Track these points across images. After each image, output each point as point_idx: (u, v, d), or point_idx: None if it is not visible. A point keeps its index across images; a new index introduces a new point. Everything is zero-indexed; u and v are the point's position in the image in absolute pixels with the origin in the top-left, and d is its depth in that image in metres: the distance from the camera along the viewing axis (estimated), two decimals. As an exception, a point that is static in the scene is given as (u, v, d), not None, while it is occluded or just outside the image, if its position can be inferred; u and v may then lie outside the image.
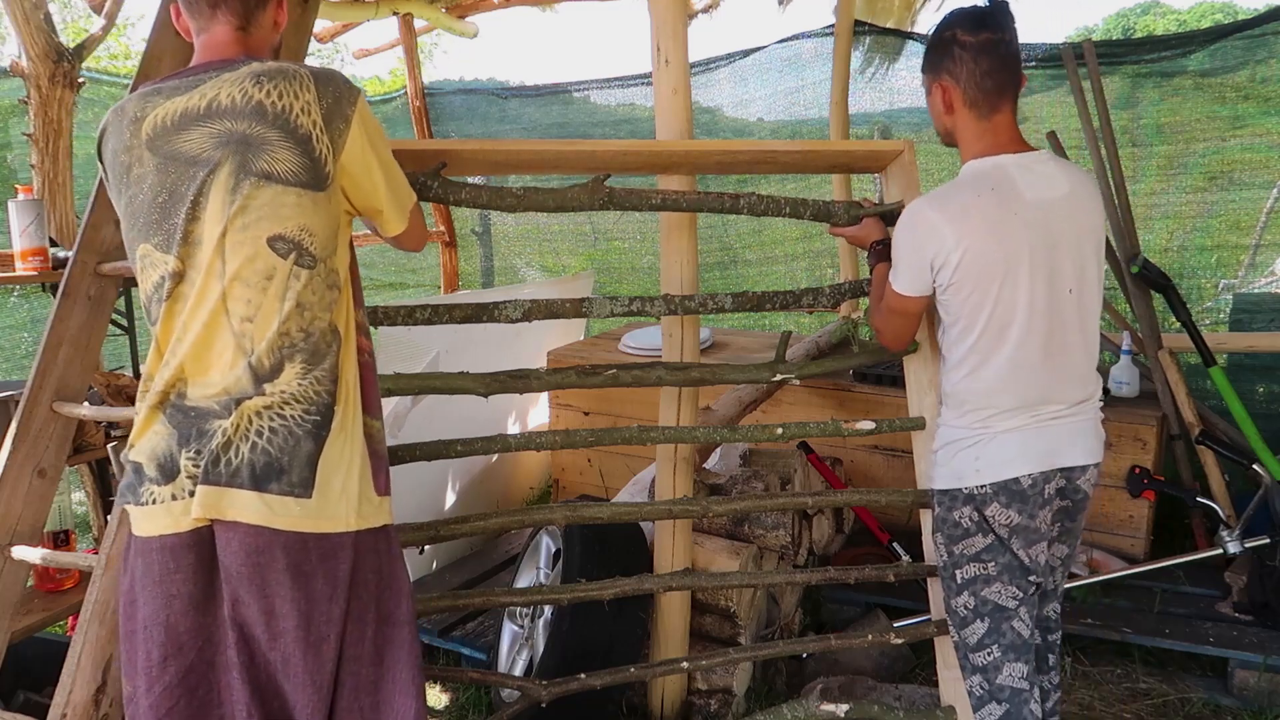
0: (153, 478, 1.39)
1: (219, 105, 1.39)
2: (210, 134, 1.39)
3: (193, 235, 1.39)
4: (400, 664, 1.46)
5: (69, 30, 11.53)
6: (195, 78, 1.43)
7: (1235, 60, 4.08)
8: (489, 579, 3.19)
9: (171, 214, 1.40)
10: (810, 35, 4.84)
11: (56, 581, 2.45)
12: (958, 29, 1.81)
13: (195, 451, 1.37)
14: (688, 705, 2.50)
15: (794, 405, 3.56)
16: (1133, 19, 29.86)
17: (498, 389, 2.04)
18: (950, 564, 1.94)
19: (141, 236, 1.43)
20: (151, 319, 1.45)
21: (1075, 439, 1.88)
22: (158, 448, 1.39)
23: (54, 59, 3.11)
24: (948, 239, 1.76)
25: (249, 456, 1.35)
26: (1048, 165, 1.83)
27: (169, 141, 1.41)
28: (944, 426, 1.95)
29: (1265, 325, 3.87)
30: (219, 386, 1.39)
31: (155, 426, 1.41)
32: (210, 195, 1.38)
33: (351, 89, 1.48)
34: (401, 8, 4.90)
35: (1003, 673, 1.90)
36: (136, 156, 1.43)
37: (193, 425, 1.38)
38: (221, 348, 1.39)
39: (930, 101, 1.89)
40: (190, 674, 1.39)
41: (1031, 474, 1.83)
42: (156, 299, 1.42)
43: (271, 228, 1.39)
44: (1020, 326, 1.80)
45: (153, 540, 1.38)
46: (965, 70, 1.80)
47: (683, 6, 2.22)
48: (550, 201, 2.07)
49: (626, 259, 5.86)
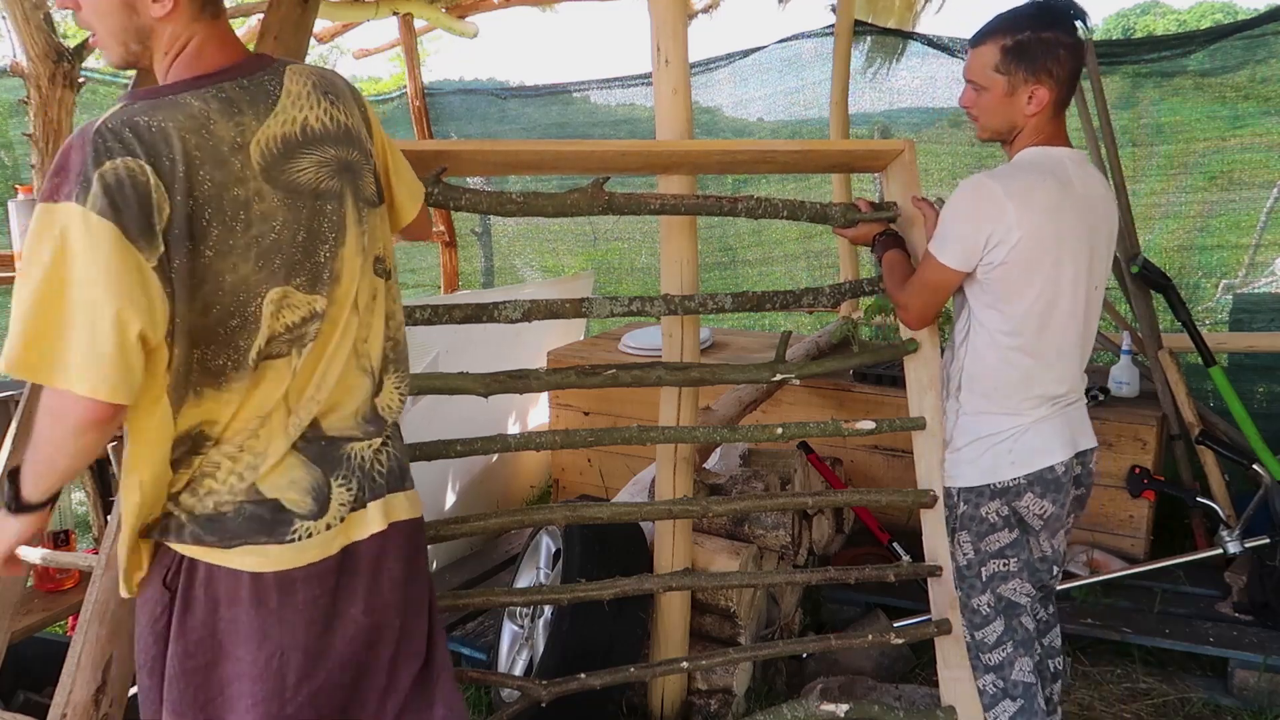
0: (304, 514, 1.35)
1: (313, 130, 1.34)
2: (320, 163, 1.35)
3: (333, 272, 1.37)
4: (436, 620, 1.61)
5: (67, 31, 11.52)
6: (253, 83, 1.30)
7: (1235, 60, 4.08)
8: (489, 579, 3.19)
9: (313, 252, 1.34)
10: (810, 35, 4.84)
11: (56, 581, 2.45)
12: (1058, 30, 1.78)
13: (343, 477, 1.40)
14: (688, 705, 2.50)
15: (794, 405, 3.56)
16: (1133, 19, 29.86)
17: (498, 389, 2.04)
18: (976, 562, 1.95)
19: (279, 279, 1.30)
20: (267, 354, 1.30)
21: (1083, 424, 1.96)
22: (302, 483, 1.36)
23: (54, 59, 3.10)
24: (1010, 216, 1.76)
25: (389, 464, 1.48)
26: (1088, 165, 1.87)
27: (283, 173, 1.30)
28: (968, 418, 1.93)
29: (1265, 325, 3.87)
30: (353, 412, 1.43)
31: (292, 462, 1.36)
32: (345, 230, 1.38)
33: (362, 96, 1.51)
34: (401, 8, 4.90)
35: (1015, 668, 1.91)
36: (255, 191, 1.26)
37: (330, 453, 1.40)
38: (354, 375, 1.43)
39: (1008, 101, 1.83)
40: (321, 693, 1.41)
41: (1063, 461, 1.87)
42: (290, 339, 1.32)
43: (374, 250, 1.45)
44: (1063, 312, 1.83)
45: (296, 572, 1.35)
46: (1065, 72, 1.79)
47: (683, 6, 2.22)
48: (550, 207, 2.07)
49: (626, 259, 5.86)
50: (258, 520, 1.33)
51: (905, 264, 2.05)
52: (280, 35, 2.05)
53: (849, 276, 4.15)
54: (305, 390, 1.36)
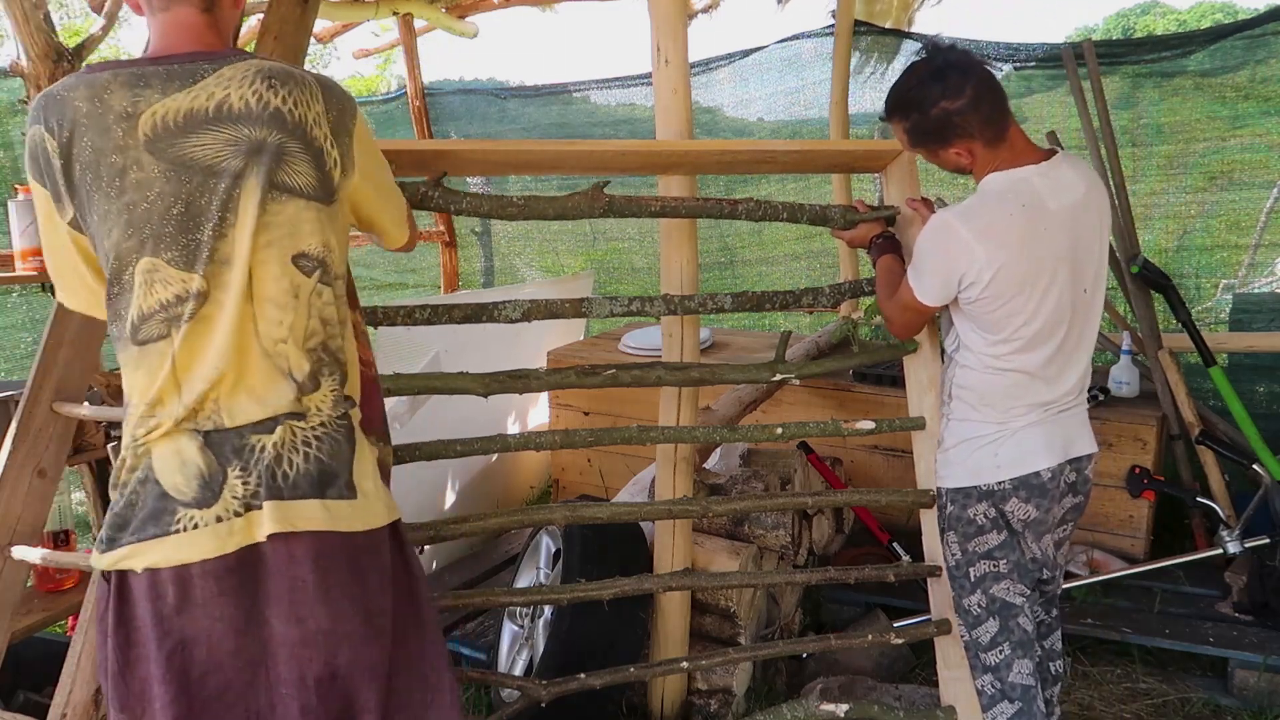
0: (188, 501, 1.32)
1: (231, 109, 1.32)
2: (225, 140, 1.32)
3: (219, 254, 1.32)
4: (429, 640, 1.52)
5: (64, 32, 11.51)
6: (184, 67, 1.33)
7: (1235, 60, 4.07)
8: (489, 579, 3.19)
9: (190, 229, 1.32)
10: (810, 35, 4.84)
11: (56, 581, 2.45)
12: (942, 102, 1.77)
13: (242, 469, 1.33)
14: (688, 705, 2.50)
15: (794, 405, 3.56)
16: (1133, 19, 29.85)
17: (497, 389, 2.04)
18: (964, 562, 1.95)
19: (148, 250, 1.31)
20: (145, 335, 1.34)
21: (1081, 429, 1.94)
22: (190, 469, 1.33)
23: (54, 59, 3.10)
24: (979, 257, 1.75)
25: (304, 467, 1.36)
26: (1063, 169, 1.83)
27: (174, 145, 1.31)
28: (956, 422, 1.94)
29: (1265, 325, 3.87)
30: (261, 405, 1.35)
31: (180, 447, 1.34)
32: (238, 211, 1.32)
33: (352, 102, 1.46)
34: (401, 8, 4.90)
35: (1013, 670, 1.91)
36: (134, 159, 1.30)
37: (230, 443, 1.34)
38: (258, 368, 1.36)
39: (943, 159, 1.86)
40: (227, 691, 1.36)
41: (1050, 467, 1.86)
42: (166, 317, 1.33)
43: (296, 245, 1.36)
44: (1047, 332, 1.82)
45: (190, 567, 1.32)
46: (974, 125, 1.78)
47: (683, 6, 2.22)
48: (550, 210, 2.07)
49: (626, 259, 5.85)
50: (147, 512, 1.33)
51: (897, 273, 2.04)
52: (280, 35, 2.05)
53: (849, 276, 4.15)
54: (193, 371, 1.33)
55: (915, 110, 1.82)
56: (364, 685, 1.41)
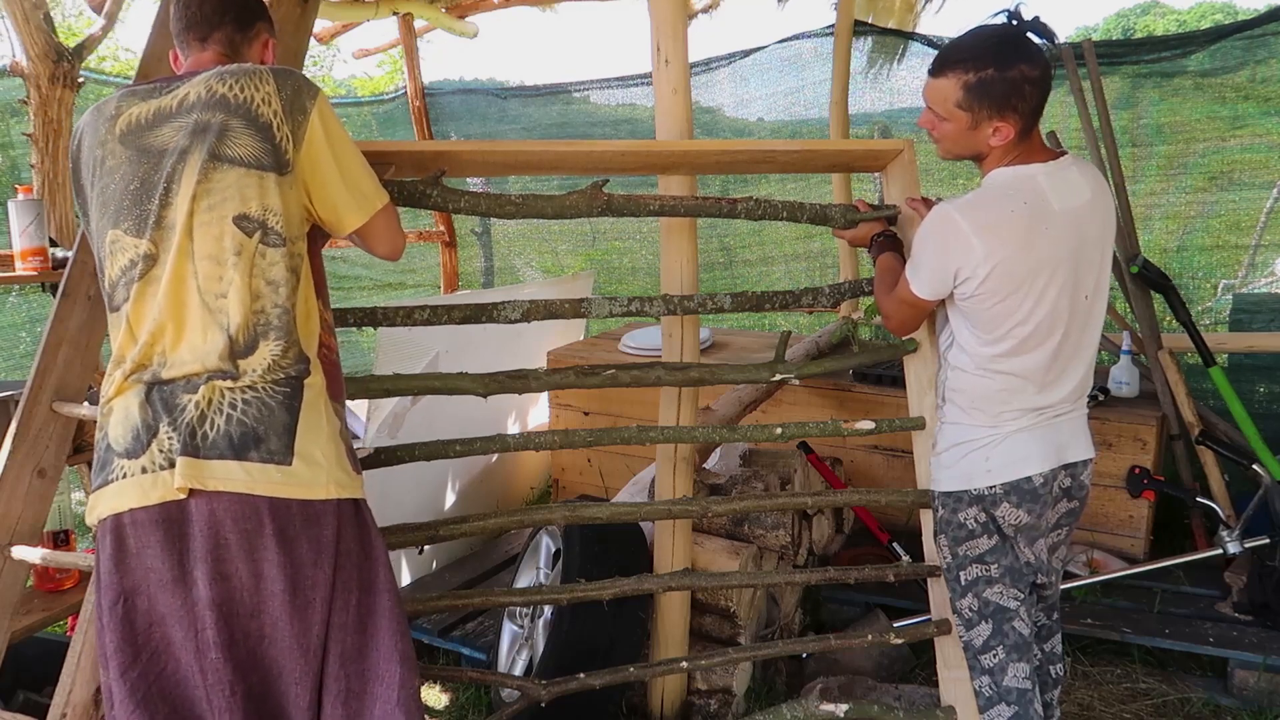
0: (121, 451, 1.42)
1: (187, 101, 1.50)
2: (179, 127, 1.48)
3: (165, 220, 1.46)
4: (385, 630, 1.50)
5: (62, 32, 11.51)
6: (174, 83, 1.54)
7: (1235, 60, 4.07)
8: (489, 579, 3.18)
9: (143, 200, 1.47)
10: (810, 35, 4.83)
11: (56, 581, 2.45)
12: (1024, 65, 1.71)
13: (170, 424, 1.40)
14: (687, 705, 2.50)
15: (794, 405, 3.56)
16: (1133, 19, 29.87)
17: (497, 389, 2.04)
18: (955, 566, 1.94)
19: (111, 223, 1.49)
20: (116, 301, 1.49)
21: (1077, 435, 1.91)
22: (129, 422, 1.42)
23: (54, 59, 3.11)
24: (976, 252, 1.73)
25: (225, 428, 1.40)
26: (1071, 171, 1.80)
27: (141, 137, 1.50)
28: (949, 425, 1.94)
29: (1265, 325, 3.87)
30: (196, 362, 1.43)
31: (127, 403, 1.44)
32: (180, 181, 1.46)
33: (311, 86, 1.55)
34: (401, 8, 4.90)
35: (1009, 674, 1.90)
36: (110, 150, 1.51)
37: (166, 400, 1.42)
38: (197, 325, 1.44)
39: (971, 133, 1.78)
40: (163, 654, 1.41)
41: (1042, 472, 1.84)
42: (125, 281, 1.47)
43: (236, 207, 1.46)
44: (1041, 335, 1.79)
45: (122, 517, 1.40)
46: (1030, 106, 1.74)
47: (683, 6, 2.22)
48: (548, 209, 2.06)
49: (626, 259, 5.85)
50: (98, 463, 1.46)
51: (897, 270, 2.02)
52: (280, 35, 2.05)
53: (849, 276, 4.15)
54: (142, 325, 1.46)
55: (992, 65, 1.71)
56: (293, 657, 1.43)
